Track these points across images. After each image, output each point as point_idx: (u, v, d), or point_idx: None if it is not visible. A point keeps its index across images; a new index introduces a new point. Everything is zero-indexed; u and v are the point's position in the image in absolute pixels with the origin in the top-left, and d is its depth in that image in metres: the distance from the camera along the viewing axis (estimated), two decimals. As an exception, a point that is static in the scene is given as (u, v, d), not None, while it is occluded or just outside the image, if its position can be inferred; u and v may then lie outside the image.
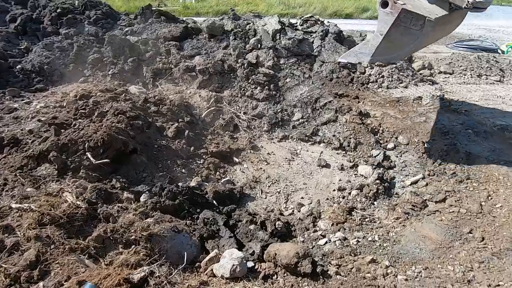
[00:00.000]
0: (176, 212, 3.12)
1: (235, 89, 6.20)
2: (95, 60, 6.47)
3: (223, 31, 7.13)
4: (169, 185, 3.33)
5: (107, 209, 2.63)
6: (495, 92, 6.20)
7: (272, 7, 18.45)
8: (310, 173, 4.68)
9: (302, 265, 2.53)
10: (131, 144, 3.68)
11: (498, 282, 2.61)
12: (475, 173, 4.01)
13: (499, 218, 3.31)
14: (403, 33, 3.43)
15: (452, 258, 2.93)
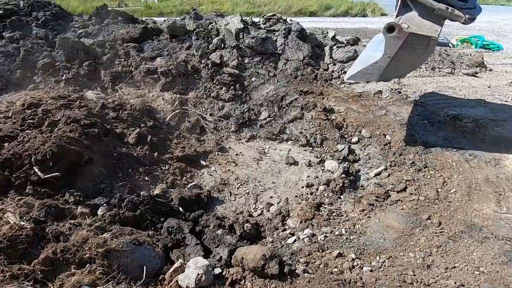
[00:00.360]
0: (137, 223, 2.96)
1: (200, 91, 6.07)
2: (46, 65, 6.01)
3: (185, 31, 6.95)
4: (129, 195, 3.15)
5: (57, 227, 2.42)
6: (447, 84, 6.60)
7: (237, 6, 18.35)
8: (279, 171, 4.69)
9: (269, 267, 2.50)
10: (86, 154, 3.45)
11: (454, 264, 2.76)
12: (432, 161, 4.22)
13: (453, 203, 3.51)
14: (409, 53, 3.57)
15: (413, 245, 3.05)
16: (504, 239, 2.94)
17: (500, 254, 2.78)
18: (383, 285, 2.52)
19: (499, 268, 2.65)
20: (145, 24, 7.24)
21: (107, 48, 6.49)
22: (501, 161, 4.04)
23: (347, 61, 6.67)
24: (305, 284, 2.45)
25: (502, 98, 5.97)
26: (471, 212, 3.34)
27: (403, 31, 3.33)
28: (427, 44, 3.46)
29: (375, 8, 18.19)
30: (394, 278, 2.59)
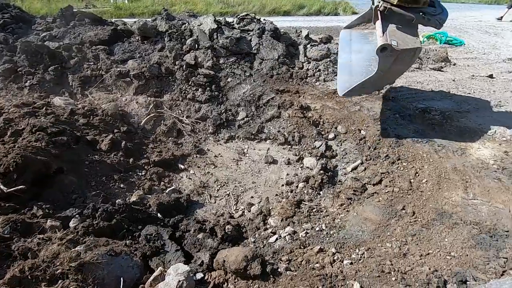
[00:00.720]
0: (113, 233, 2.85)
1: (175, 93, 5.95)
2: (6, 71, 5.65)
3: (157, 32, 6.78)
4: (104, 204, 3.02)
5: (25, 244, 2.28)
6: (415, 79, 6.91)
7: (211, 6, 18.17)
8: (259, 171, 4.69)
9: (252, 268, 2.50)
10: (55, 164, 3.27)
11: (428, 251, 2.88)
12: (404, 153, 4.40)
13: (425, 192, 3.68)
14: (399, 64, 3.91)
15: (389, 235, 3.16)
16: (471, 224, 3.12)
17: (468, 238, 2.94)
18: (363, 276, 2.59)
19: (468, 251, 2.81)
20: (114, 25, 6.98)
21: (74, 51, 6.20)
22: (466, 150, 4.28)
23: (321, 59, 6.79)
24: (287, 282, 2.47)
25: (465, 90, 6.34)
26: (441, 200, 3.51)
27: (395, 50, 3.60)
28: (413, 54, 3.82)
29: (346, 7, 18.67)
30: (373, 269, 2.66)
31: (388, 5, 3.78)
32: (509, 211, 3.22)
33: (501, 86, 6.65)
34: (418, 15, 3.76)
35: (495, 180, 3.66)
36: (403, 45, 3.62)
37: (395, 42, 3.62)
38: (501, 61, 8.64)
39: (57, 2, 17.23)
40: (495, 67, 8.10)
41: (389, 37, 3.68)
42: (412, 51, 3.72)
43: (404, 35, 3.75)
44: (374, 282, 2.52)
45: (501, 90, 6.43)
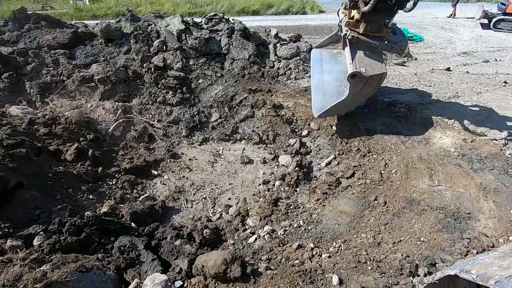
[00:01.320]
0: (83, 248, 2.69)
1: (145, 96, 5.75)
2: (-48, 80, 5.14)
3: (121, 34, 6.51)
4: (71, 218, 2.85)
5: (-19, 268, 2.08)
6: (381, 74, 7.20)
7: (178, 6, 17.78)
8: (235, 172, 4.66)
9: (232, 270, 2.47)
10: (13, 178, 3.03)
11: (400, 238, 3.02)
12: (374, 146, 4.57)
13: (395, 182, 3.85)
14: (367, 87, 4.24)
15: (364, 226, 3.27)
16: (437, 209, 3.31)
17: (435, 223, 3.12)
18: (340, 268, 2.65)
19: (436, 235, 2.98)
20: (74, 28, 6.60)
21: (31, 56, 5.79)
22: (430, 140, 4.54)
23: (291, 57, 6.89)
24: (268, 281, 2.47)
25: (426, 83, 6.72)
26: (410, 188, 3.69)
27: (364, 76, 3.92)
28: (380, 78, 4.15)
29: (313, 6, 19.08)
30: (350, 260, 2.74)
31: (355, 34, 4.09)
32: (469, 194, 3.45)
33: (458, 78, 7.12)
34: (382, 42, 4.10)
35: (456, 166, 3.91)
36: (371, 72, 3.94)
37: (363, 69, 3.93)
38: (457, 55, 9.27)
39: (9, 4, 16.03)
40: (451, 60, 8.67)
41: (358, 64, 3.97)
42: (379, 76, 4.04)
43: (371, 61, 4.07)
44: (351, 273, 2.59)
45: (458, 82, 6.89)
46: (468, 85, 6.67)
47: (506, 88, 6.53)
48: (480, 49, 9.97)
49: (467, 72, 7.55)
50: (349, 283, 2.48)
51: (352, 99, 4.34)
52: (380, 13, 3.82)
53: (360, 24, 4.02)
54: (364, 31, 4.03)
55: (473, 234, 2.94)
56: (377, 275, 2.55)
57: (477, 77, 7.17)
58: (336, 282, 2.47)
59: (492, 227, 3.02)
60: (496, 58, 8.87)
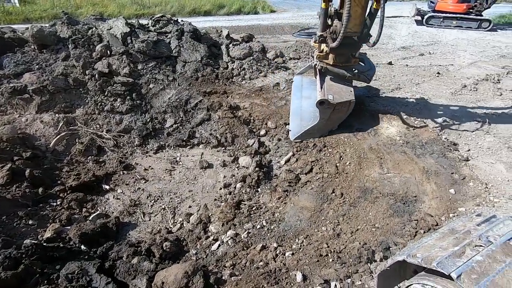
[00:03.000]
0: (22, 282, 2.39)
1: (90, 106, 5.33)
2: None
3: (57, 39, 5.96)
4: (5, 249, 2.51)
5: None
6: (331, 70, 7.53)
7: (124, 8, 16.82)
8: (194, 178, 4.52)
9: (194, 283, 2.38)
10: None
11: (357, 227, 3.17)
12: (329, 140, 4.75)
13: (350, 173, 4.03)
14: (337, 113, 4.56)
15: (324, 219, 3.37)
16: (388, 195, 3.53)
17: (387, 209, 3.32)
18: (303, 264, 2.70)
19: (388, 220, 3.17)
20: (0, 33, 5.88)
21: None
22: (378, 130, 4.84)
23: (244, 57, 6.88)
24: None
25: (372, 77, 7.17)
26: (363, 178, 3.90)
27: (331, 103, 4.26)
28: (348, 105, 4.46)
29: (264, 6, 19.35)
30: (312, 255, 2.80)
31: (324, 65, 4.43)
32: (415, 178, 3.74)
33: (399, 71, 7.72)
34: (350, 71, 4.46)
35: (402, 153, 4.22)
36: (338, 99, 4.29)
37: (331, 96, 4.26)
38: (397, 50, 10.05)
39: None
40: (392, 55, 9.37)
41: (326, 92, 4.32)
42: (347, 103, 4.39)
43: (339, 89, 4.42)
44: (314, 268, 2.65)
45: (399, 74, 7.47)
46: (408, 77, 7.26)
47: (439, 78, 7.23)
48: (416, 43, 10.93)
49: (406, 65, 8.22)
50: (312, 278, 2.53)
51: (324, 124, 4.69)
52: (347, 46, 4.13)
53: (329, 56, 4.35)
54: (333, 62, 4.37)
55: (419, 215, 3.19)
56: (338, 266, 2.64)
57: (415, 70, 7.84)
58: (300, 279, 2.50)
59: (435, 207, 3.30)
60: (430, 51, 9.79)
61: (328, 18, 4.11)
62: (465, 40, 11.68)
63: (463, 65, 8.41)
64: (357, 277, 2.50)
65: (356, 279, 2.48)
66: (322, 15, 4.09)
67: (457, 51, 9.96)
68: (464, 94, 6.31)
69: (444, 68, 7.99)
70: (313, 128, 4.70)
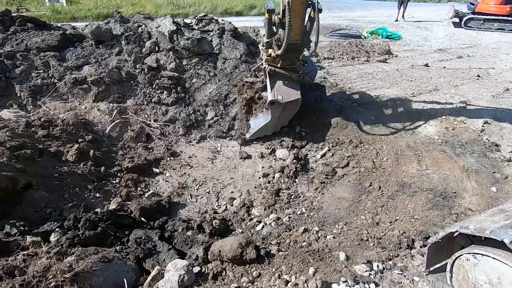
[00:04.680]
0: (101, 241, 2.77)
1: (140, 97, 5.79)
2: None
3: (111, 35, 6.49)
4: (85, 213, 2.92)
5: (8, 263, 2.14)
6: (366, 70, 7.59)
7: (160, 8, 17.63)
8: (234, 167, 4.82)
9: (247, 253, 2.64)
10: (22, 178, 3.05)
11: (396, 218, 3.30)
12: (365, 137, 4.87)
13: (387, 169, 4.15)
14: (287, 111, 4.91)
15: (362, 209, 3.52)
16: (427, 190, 3.62)
17: (426, 202, 3.42)
18: (345, 246, 2.88)
19: (428, 213, 3.28)
20: (62, 30, 6.52)
21: (19, 59, 5.68)
22: (415, 129, 4.89)
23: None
24: (281, 261, 2.66)
25: (408, 78, 7.15)
26: (401, 173, 4.00)
27: (280, 103, 4.63)
28: (296, 103, 4.80)
29: (295, 6, 19.49)
30: (353, 239, 2.98)
31: (273, 68, 4.79)
32: (454, 176, 3.80)
33: (436, 73, 7.62)
34: (296, 73, 4.87)
35: (441, 152, 4.27)
36: (287, 98, 4.66)
37: (280, 96, 4.63)
38: (433, 52, 9.86)
39: (-20, 7, 15.34)
40: (429, 57, 9.22)
41: (276, 92, 4.68)
42: (294, 101, 4.74)
43: (287, 90, 4.77)
44: (356, 250, 2.83)
45: (436, 76, 7.38)
46: (446, 79, 7.16)
47: (479, 81, 7.07)
48: (454, 46, 10.64)
49: (444, 68, 8.08)
50: (355, 258, 2.71)
51: (275, 122, 5.09)
52: (291, 52, 4.49)
53: (277, 60, 4.68)
54: (281, 65, 4.73)
55: (459, 209, 3.26)
56: (379, 250, 2.80)
57: (453, 72, 7.70)
58: (343, 258, 2.69)
59: (475, 203, 3.36)
60: (469, 54, 9.52)
61: (273, 26, 4.47)
62: (507, 43, 11.19)
63: (505, 68, 8.13)
64: (399, 260, 2.65)
65: (397, 261, 2.63)
66: (267, 24, 4.47)
67: (499, 54, 9.60)
68: (506, 97, 6.16)
69: (484, 71, 7.78)
70: (266, 125, 5.08)
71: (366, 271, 2.49)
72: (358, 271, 2.50)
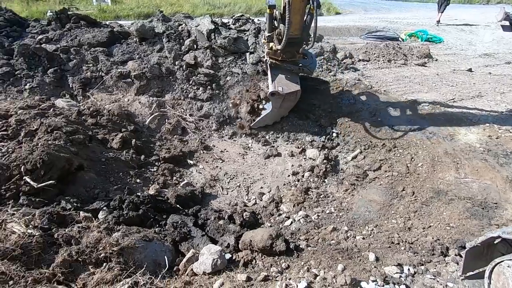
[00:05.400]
0: (142, 222, 3.00)
1: (177, 92, 6.09)
2: (4, 74, 5.60)
3: (154, 33, 6.88)
4: (129, 196, 3.17)
5: (66, 232, 2.41)
6: (403, 74, 7.35)
7: (197, 7, 18.19)
8: (265, 163, 4.92)
9: (277, 245, 2.72)
10: (76, 160, 3.37)
11: (429, 224, 3.21)
12: (399, 141, 4.75)
13: (422, 175, 4.03)
14: (286, 102, 5.12)
15: (394, 213, 3.47)
16: (465, 199, 3.48)
17: (464, 211, 3.29)
18: (375, 247, 2.87)
19: (465, 222, 3.16)
20: (110, 27, 7.02)
21: (73, 53, 6.21)
22: (455, 136, 4.69)
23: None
24: (310, 256, 2.71)
25: (449, 83, 6.82)
26: (437, 180, 3.87)
27: (281, 94, 4.83)
28: (295, 95, 5.00)
29: (329, 7, 19.20)
30: (384, 241, 2.96)
31: (273, 61, 5.02)
32: (496, 186, 3.61)
33: (480, 79, 7.19)
34: (295, 66, 5.10)
35: (482, 160, 4.06)
36: (287, 90, 4.87)
37: (281, 88, 4.84)
38: (478, 56, 9.29)
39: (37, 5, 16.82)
40: (473, 62, 8.71)
41: (277, 84, 4.89)
42: (294, 92, 4.94)
43: (288, 81, 4.97)
44: (386, 252, 2.81)
45: (480, 82, 6.97)
46: (491, 85, 6.75)
47: (529, 89, 6.58)
48: (502, 50, 9.95)
49: (489, 73, 7.61)
50: (385, 260, 2.69)
51: (276, 112, 5.32)
52: (291, 45, 4.68)
53: (278, 53, 4.88)
54: (281, 58, 4.95)
55: (501, 221, 3.11)
56: (411, 254, 2.76)
57: (500, 78, 7.22)
58: (373, 259, 2.68)
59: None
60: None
61: (274, 20, 4.69)
62: None
63: (561, 76, 7.47)
64: (431, 265, 2.60)
65: (430, 267, 2.58)
66: (268, 19, 4.70)
67: (554, 61, 8.83)
68: (560, 107, 5.68)
69: (536, 79, 7.21)
70: (267, 116, 5.32)
71: (397, 273, 2.47)
72: (388, 272, 2.49)
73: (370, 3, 21.74)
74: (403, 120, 5.25)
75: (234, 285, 2.23)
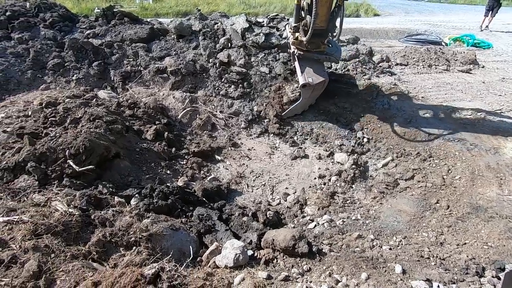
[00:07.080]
0: (170, 211, 3.13)
1: (209, 89, 6.24)
2: (56, 66, 6.09)
3: (191, 31, 7.10)
4: (160, 185, 3.31)
5: (102, 214, 2.58)
6: (444, 80, 6.93)
7: (233, 7, 18.49)
8: (291, 164, 4.90)
9: (299, 246, 2.71)
10: (114, 148, 3.59)
11: (465, 241, 3.01)
12: (436, 151, 4.50)
13: (459, 188, 3.79)
14: (315, 92, 5.39)
15: (425, 226, 3.30)
16: (507, 218, 3.22)
17: (505, 231, 3.05)
18: (403, 260, 2.75)
19: (506, 242, 2.92)
20: (151, 24, 7.36)
21: (116, 48, 6.60)
22: (500, 149, 4.34)
23: (350, 59, 6.93)
24: (333, 261, 2.66)
25: (496, 92, 6.33)
26: (476, 195, 3.61)
27: (311, 85, 5.07)
28: (323, 84, 5.22)
29: (368, 9, 18.58)
30: (412, 254, 2.82)
31: (301, 52, 5.18)
32: (545, 207, 3.29)
33: (533, 89, 6.59)
34: (322, 55, 5.24)
35: (530, 178, 3.73)
36: (316, 80, 5.07)
37: (310, 79, 5.06)
38: (533, 64, 8.50)
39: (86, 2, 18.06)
40: (525, 70, 7.99)
41: (306, 76, 5.08)
42: (322, 82, 5.14)
43: (316, 72, 5.16)
44: (414, 266, 2.68)
45: (533, 93, 6.38)
46: (546, 97, 6.15)
47: None
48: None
49: (544, 83, 6.94)
50: (412, 274, 2.57)
51: (305, 102, 5.57)
52: (317, 36, 4.79)
53: (303, 43, 4.99)
54: (307, 49, 5.10)
55: (549, 246, 2.84)
56: (441, 270, 2.61)
57: (556, 89, 6.56)
58: (400, 271, 2.57)
59: None
60: None
61: (301, 11, 4.84)
62: None
63: None
64: (464, 285, 2.44)
65: (462, 286, 2.42)
66: (295, 10, 4.96)
67: None
68: None
69: None
70: (296, 106, 5.55)
71: (425, 289, 2.35)
72: (415, 287, 2.37)
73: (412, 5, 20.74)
74: (441, 128, 4.96)
75: (254, 281, 2.25)
